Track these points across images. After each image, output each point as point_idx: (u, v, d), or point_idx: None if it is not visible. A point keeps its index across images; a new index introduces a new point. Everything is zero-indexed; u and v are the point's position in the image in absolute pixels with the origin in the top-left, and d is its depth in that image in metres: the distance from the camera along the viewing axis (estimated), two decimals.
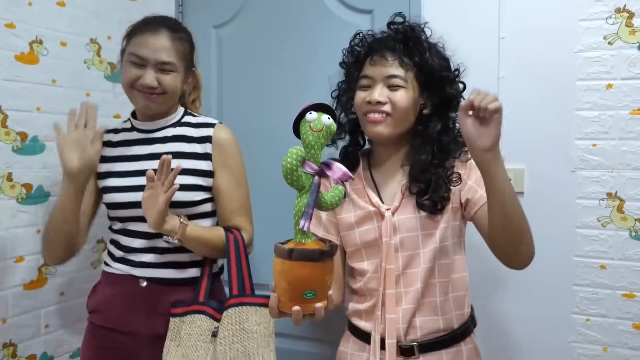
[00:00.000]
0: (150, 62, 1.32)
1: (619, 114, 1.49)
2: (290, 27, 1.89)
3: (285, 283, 0.96)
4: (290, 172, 0.94)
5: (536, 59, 1.56)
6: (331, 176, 0.98)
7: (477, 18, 1.62)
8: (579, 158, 1.53)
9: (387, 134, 1.22)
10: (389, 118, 1.21)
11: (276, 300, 0.98)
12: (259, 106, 1.93)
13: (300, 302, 0.96)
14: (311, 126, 0.96)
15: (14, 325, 1.49)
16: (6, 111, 1.46)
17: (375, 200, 1.25)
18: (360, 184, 1.29)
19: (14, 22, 1.48)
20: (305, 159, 0.96)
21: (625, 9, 1.47)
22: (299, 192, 0.98)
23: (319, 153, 0.98)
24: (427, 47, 1.24)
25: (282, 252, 0.95)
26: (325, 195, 1.01)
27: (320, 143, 0.97)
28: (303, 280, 0.95)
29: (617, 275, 1.51)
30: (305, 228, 0.95)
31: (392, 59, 1.22)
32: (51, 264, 1.47)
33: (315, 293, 0.95)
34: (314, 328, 1.83)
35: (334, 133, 1.00)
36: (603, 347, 1.53)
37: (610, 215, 1.51)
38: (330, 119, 0.97)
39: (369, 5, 1.78)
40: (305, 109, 0.98)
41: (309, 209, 0.96)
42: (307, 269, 0.94)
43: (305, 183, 0.96)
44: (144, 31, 1.35)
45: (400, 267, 1.21)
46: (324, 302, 0.98)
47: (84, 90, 1.70)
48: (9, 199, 1.48)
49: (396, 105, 1.20)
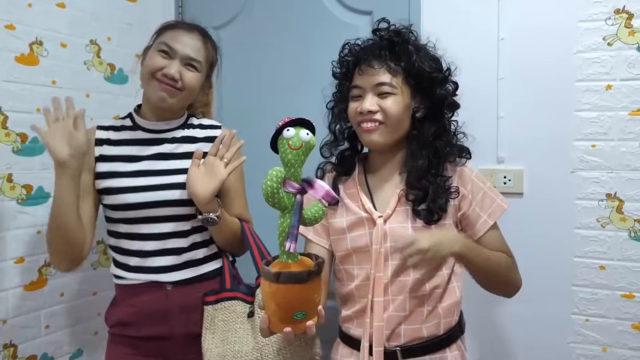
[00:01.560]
0: (179, 55, 1.32)
1: (618, 115, 1.49)
2: (289, 28, 1.89)
3: (274, 305, 0.94)
4: (272, 194, 0.91)
5: (535, 60, 1.56)
6: (314, 195, 0.96)
7: (476, 19, 1.63)
8: (578, 159, 1.54)
9: (382, 141, 1.22)
10: (382, 126, 1.20)
11: (266, 321, 0.97)
12: (259, 107, 1.94)
13: (291, 322, 0.94)
14: (290, 144, 0.91)
15: (14, 326, 1.49)
16: (6, 112, 1.46)
17: (368, 207, 1.23)
18: (354, 189, 1.28)
19: (14, 24, 1.48)
20: (286, 178, 0.93)
21: (625, 10, 1.48)
22: (281, 212, 0.95)
23: (299, 171, 0.94)
24: (414, 49, 1.22)
25: (269, 276, 0.93)
26: (308, 211, 0.99)
27: (300, 160, 0.93)
28: (292, 302, 0.93)
29: (617, 275, 1.51)
30: (292, 250, 0.93)
31: (379, 66, 1.20)
32: (62, 270, 1.41)
33: (305, 313, 0.95)
34: None
35: (314, 147, 0.95)
36: (602, 348, 1.53)
37: (610, 216, 1.51)
38: (310, 134, 0.93)
39: (368, 7, 1.78)
40: (282, 126, 0.93)
41: (293, 230, 0.93)
42: (296, 291, 0.92)
43: (288, 203, 0.94)
44: (179, 27, 1.36)
45: (389, 275, 1.19)
46: (315, 319, 0.97)
47: (83, 92, 1.70)
48: (9, 200, 1.48)
49: (387, 112, 1.18)
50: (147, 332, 1.34)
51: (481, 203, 1.22)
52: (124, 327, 1.36)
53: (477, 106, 1.52)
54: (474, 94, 1.42)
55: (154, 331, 1.34)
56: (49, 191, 1.58)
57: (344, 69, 1.30)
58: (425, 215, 1.18)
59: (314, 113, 1.18)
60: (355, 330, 1.25)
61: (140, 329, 1.34)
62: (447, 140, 1.24)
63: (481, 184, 1.24)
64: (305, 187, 0.95)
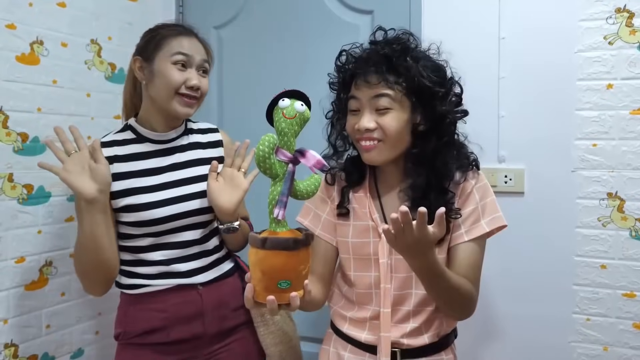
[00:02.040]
0: (195, 61, 1.30)
1: (619, 114, 1.49)
2: (290, 27, 1.89)
3: (259, 273, 0.94)
4: (263, 159, 0.93)
5: (536, 59, 1.56)
6: (305, 164, 0.96)
7: (477, 18, 1.63)
8: (579, 158, 1.54)
9: (381, 160, 1.16)
10: (380, 144, 1.13)
11: (251, 290, 0.96)
12: (259, 107, 1.91)
13: (275, 291, 0.94)
14: (284, 113, 0.94)
15: (15, 325, 1.48)
16: (7, 112, 1.46)
17: (375, 217, 1.20)
18: (362, 193, 1.24)
19: (15, 23, 1.48)
20: (279, 147, 0.95)
21: (626, 9, 1.48)
22: (273, 180, 0.96)
23: (292, 140, 0.96)
24: (414, 61, 1.13)
25: (255, 242, 0.93)
26: (300, 183, 0.99)
27: (294, 130, 0.95)
28: (277, 270, 0.93)
29: (618, 275, 1.51)
30: (280, 217, 0.94)
31: (377, 80, 1.12)
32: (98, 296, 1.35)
33: (290, 283, 0.94)
34: (311, 327, 1.83)
35: (308, 120, 0.97)
36: (604, 347, 1.53)
37: (611, 215, 1.51)
38: (304, 105, 0.95)
39: (369, 6, 1.78)
40: (278, 96, 0.96)
41: (283, 197, 0.95)
42: (281, 258, 0.92)
43: (279, 171, 0.95)
44: (176, 34, 1.30)
45: (393, 288, 1.19)
46: (300, 292, 0.96)
47: (84, 91, 1.70)
48: (10, 200, 1.48)
49: (386, 130, 1.12)
50: (178, 334, 1.32)
51: (467, 216, 1.16)
52: (149, 335, 1.32)
53: (478, 105, 1.51)
54: (475, 93, 1.42)
55: (186, 333, 1.32)
56: (49, 191, 1.58)
57: (340, 79, 1.23)
58: None
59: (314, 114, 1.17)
60: (366, 337, 1.23)
61: (169, 334, 1.31)
62: (445, 159, 1.15)
63: (477, 198, 1.17)
64: (297, 156, 0.96)
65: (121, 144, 1.34)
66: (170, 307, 1.31)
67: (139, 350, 1.33)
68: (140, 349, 1.33)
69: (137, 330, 1.32)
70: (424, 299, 1.18)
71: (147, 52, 1.30)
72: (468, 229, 1.16)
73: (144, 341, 1.32)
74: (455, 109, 1.18)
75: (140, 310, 1.33)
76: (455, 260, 1.16)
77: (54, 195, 1.59)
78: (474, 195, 1.17)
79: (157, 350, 1.32)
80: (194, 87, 1.29)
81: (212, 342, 1.37)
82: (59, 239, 1.61)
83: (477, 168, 1.20)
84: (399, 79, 1.12)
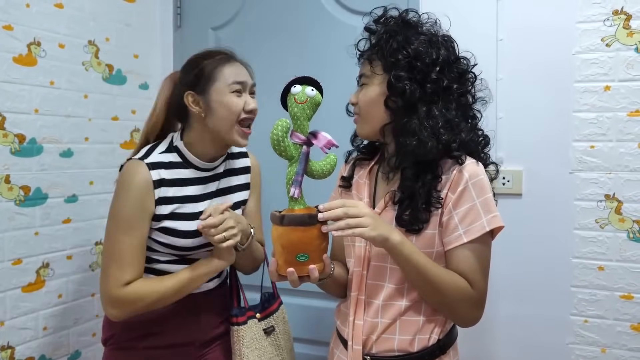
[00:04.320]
0: (247, 86, 1.31)
1: (616, 116, 1.50)
2: (288, 29, 1.89)
3: (279, 247, 1.02)
4: (277, 142, 1.02)
5: (534, 61, 1.57)
6: (316, 144, 1.03)
7: (475, 20, 1.63)
8: (577, 160, 1.54)
9: (363, 133, 1.19)
10: (358, 117, 1.18)
11: (275, 264, 1.04)
12: (258, 107, 1.93)
13: (295, 264, 1.02)
14: (296, 98, 1.03)
15: (12, 327, 1.48)
16: (4, 113, 1.46)
17: (364, 201, 1.18)
18: (363, 179, 1.24)
19: (12, 24, 1.47)
20: (293, 130, 1.03)
21: (623, 11, 1.48)
22: (289, 162, 1.04)
23: (305, 124, 1.04)
24: (390, 34, 1.12)
25: (275, 219, 1.02)
26: (316, 163, 1.06)
27: (306, 114, 1.03)
28: (295, 244, 1.01)
29: (615, 276, 1.51)
30: (296, 195, 1.02)
31: (363, 58, 1.18)
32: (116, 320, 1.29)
33: (307, 256, 1.01)
34: (314, 330, 1.83)
35: (320, 103, 1.05)
36: (601, 349, 1.53)
37: (608, 217, 1.52)
38: (315, 90, 1.03)
39: (367, 8, 1.76)
40: (291, 83, 1.04)
41: (298, 177, 1.03)
42: (298, 233, 1.00)
43: (294, 153, 1.04)
44: (224, 63, 1.30)
45: (367, 276, 1.15)
46: (319, 265, 1.03)
47: (81, 92, 1.70)
48: (7, 201, 1.47)
49: (359, 104, 1.16)
50: (172, 339, 1.32)
51: (464, 215, 1.07)
52: (144, 339, 1.31)
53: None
54: None
55: (179, 337, 1.33)
56: (46, 192, 1.58)
57: None
58: (407, 223, 1.09)
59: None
60: (340, 326, 1.23)
61: (163, 339, 1.32)
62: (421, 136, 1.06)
63: (474, 194, 1.07)
64: (310, 138, 1.04)
65: (167, 166, 1.28)
66: (170, 313, 1.31)
67: (128, 352, 1.32)
68: (130, 351, 1.32)
69: (132, 334, 1.31)
70: (395, 293, 1.12)
71: (200, 86, 1.27)
72: (466, 229, 1.07)
73: (137, 345, 1.31)
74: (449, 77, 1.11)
75: (138, 315, 1.29)
76: (454, 264, 1.08)
77: (51, 197, 1.59)
78: (469, 190, 1.07)
79: (149, 355, 1.31)
80: (254, 112, 1.31)
81: (200, 348, 1.37)
82: (56, 241, 1.61)
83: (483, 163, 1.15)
84: (373, 55, 1.15)
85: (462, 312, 1.11)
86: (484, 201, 1.08)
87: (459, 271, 1.08)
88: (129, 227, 1.21)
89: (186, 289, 1.26)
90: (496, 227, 1.08)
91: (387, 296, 1.13)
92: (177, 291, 1.25)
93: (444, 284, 1.06)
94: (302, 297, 1.84)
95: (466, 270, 1.07)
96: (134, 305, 1.22)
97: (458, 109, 1.11)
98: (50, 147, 1.59)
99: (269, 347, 1.38)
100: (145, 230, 1.24)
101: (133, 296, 1.21)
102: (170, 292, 1.24)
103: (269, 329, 1.39)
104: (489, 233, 1.09)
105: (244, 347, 1.32)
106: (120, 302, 1.21)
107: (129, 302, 1.21)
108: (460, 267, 1.08)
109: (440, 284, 1.06)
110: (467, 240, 1.07)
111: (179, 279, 1.25)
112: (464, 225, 1.07)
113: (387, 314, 1.13)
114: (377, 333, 1.13)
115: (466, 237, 1.07)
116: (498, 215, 1.09)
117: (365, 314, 1.15)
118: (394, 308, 1.12)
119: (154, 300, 1.23)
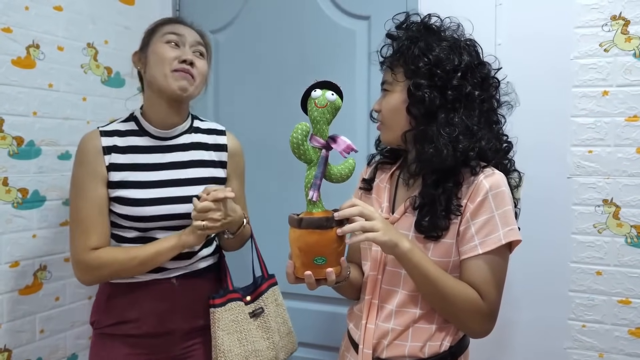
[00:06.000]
0: (188, 41, 1.32)
1: (614, 121, 1.50)
2: (287, 32, 1.89)
3: (297, 250, 1.03)
4: (297, 146, 1.02)
5: (532, 66, 1.57)
6: (336, 148, 1.03)
7: (473, 25, 1.62)
8: (575, 164, 1.54)
9: (386, 140, 1.19)
10: (381, 125, 1.18)
11: (292, 266, 1.04)
12: (256, 111, 1.93)
13: (312, 267, 1.02)
14: (316, 102, 1.03)
15: (9, 330, 1.48)
16: (2, 115, 1.46)
17: (384, 205, 1.20)
18: (384, 183, 1.24)
19: (11, 27, 1.48)
20: (313, 134, 1.04)
21: (621, 17, 1.48)
22: (308, 165, 1.05)
23: (325, 128, 1.04)
24: (411, 41, 1.11)
25: (293, 222, 1.02)
26: (334, 167, 1.06)
27: (326, 118, 1.03)
28: (312, 247, 1.01)
29: (613, 281, 1.51)
30: (314, 198, 1.02)
31: (385, 66, 1.18)
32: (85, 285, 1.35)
33: (325, 259, 1.01)
34: (323, 335, 1.83)
35: (340, 108, 1.04)
36: (599, 354, 1.53)
37: (606, 222, 1.52)
38: (335, 95, 1.03)
39: (366, 12, 1.78)
40: (311, 87, 1.04)
41: (316, 180, 1.03)
42: (315, 236, 1.00)
43: (313, 156, 1.04)
44: (176, 21, 1.36)
45: (382, 280, 1.16)
46: (336, 268, 1.03)
47: (80, 95, 1.70)
48: (5, 204, 1.47)
49: (382, 110, 1.17)
50: (149, 328, 1.32)
51: (481, 226, 1.06)
52: (122, 325, 1.32)
53: None
54: None
55: (158, 327, 1.32)
56: (44, 195, 1.57)
57: None
58: (426, 229, 1.09)
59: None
60: (352, 328, 1.23)
61: (141, 326, 1.31)
62: (438, 143, 1.05)
63: (493, 206, 1.06)
64: (330, 142, 1.04)
65: (122, 134, 1.33)
66: (144, 300, 1.31)
67: (111, 341, 1.33)
68: (112, 340, 1.33)
69: (110, 320, 1.33)
70: (408, 301, 1.12)
71: (142, 43, 1.35)
72: (482, 240, 1.06)
73: (115, 332, 1.32)
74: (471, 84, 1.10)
75: (114, 300, 1.33)
76: (467, 275, 1.07)
77: (48, 200, 1.59)
78: (488, 201, 1.06)
79: (129, 343, 1.32)
80: (187, 60, 1.29)
81: (183, 339, 1.36)
82: (54, 244, 1.61)
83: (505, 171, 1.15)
84: (395, 62, 1.14)
85: (470, 324, 1.09)
86: (503, 213, 1.06)
87: (471, 282, 1.06)
88: (84, 192, 1.27)
89: (152, 262, 1.27)
90: (513, 240, 1.06)
91: (401, 302, 1.13)
92: (141, 262, 1.26)
93: (453, 294, 1.05)
94: (311, 302, 1.84)
95: (478, 282, 1.06)
96: (99, 271, 1.26)
97: (481, 115, 1.11)
98: (48, 149, 1.59)
99: (254, 331, 1.35)
100: (100, 195, 1.27)
101: (97, 261, 1.25)
102: (135, 262, 1.26)
103: (258, 311, 1.37)
104: (507, 246, 1.07)
105: (219, 330, 1.30)
106: (86, 266, 1.26)
107: (93, 267, 1.26)
108: (472, 278, 1.06)
109: (449, 294, 1.05)
110: (482, 251, 1.05)
111: (144, 249, 1.27)
112: (480, 236, 1.06)
113: (399, 321, 1.13)
114: (388, 339, 1.13)
115: (482, 249, 1.06)
116: (516, 228, 1.07)
117: (378, 319, 1.16)
118: (407, 315, 1.13)
119: (119, 268, 1.26)
